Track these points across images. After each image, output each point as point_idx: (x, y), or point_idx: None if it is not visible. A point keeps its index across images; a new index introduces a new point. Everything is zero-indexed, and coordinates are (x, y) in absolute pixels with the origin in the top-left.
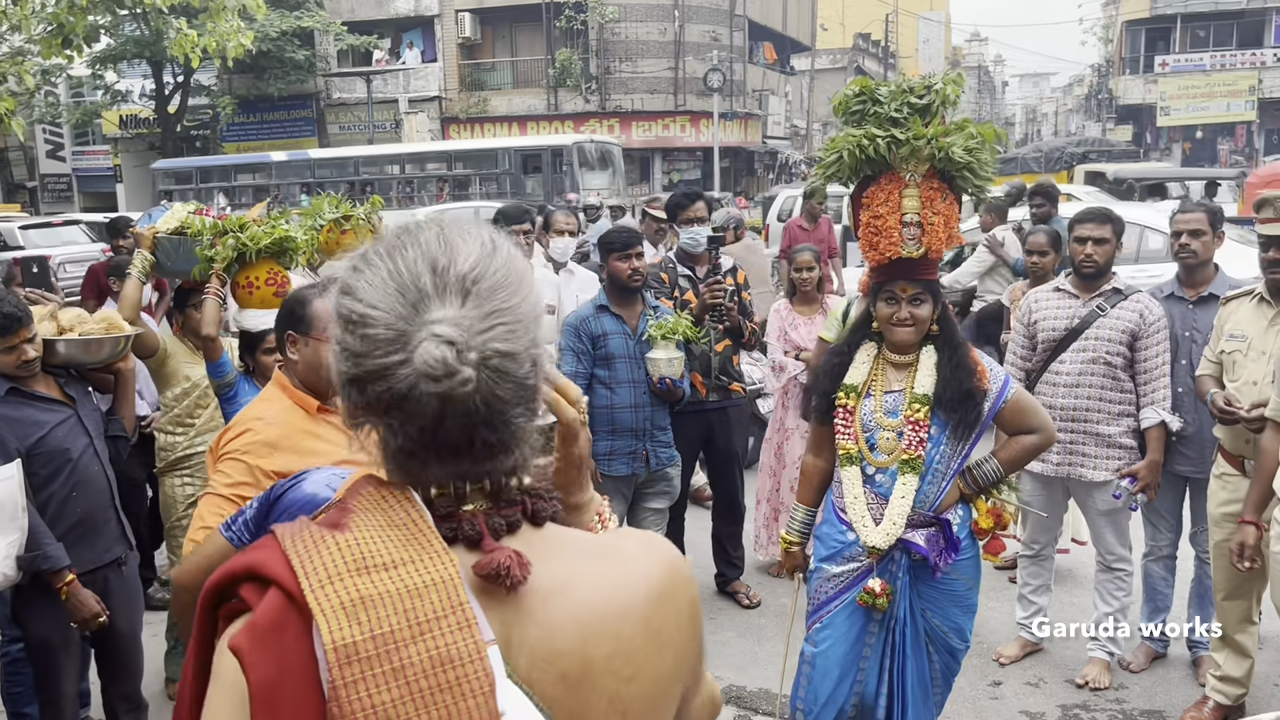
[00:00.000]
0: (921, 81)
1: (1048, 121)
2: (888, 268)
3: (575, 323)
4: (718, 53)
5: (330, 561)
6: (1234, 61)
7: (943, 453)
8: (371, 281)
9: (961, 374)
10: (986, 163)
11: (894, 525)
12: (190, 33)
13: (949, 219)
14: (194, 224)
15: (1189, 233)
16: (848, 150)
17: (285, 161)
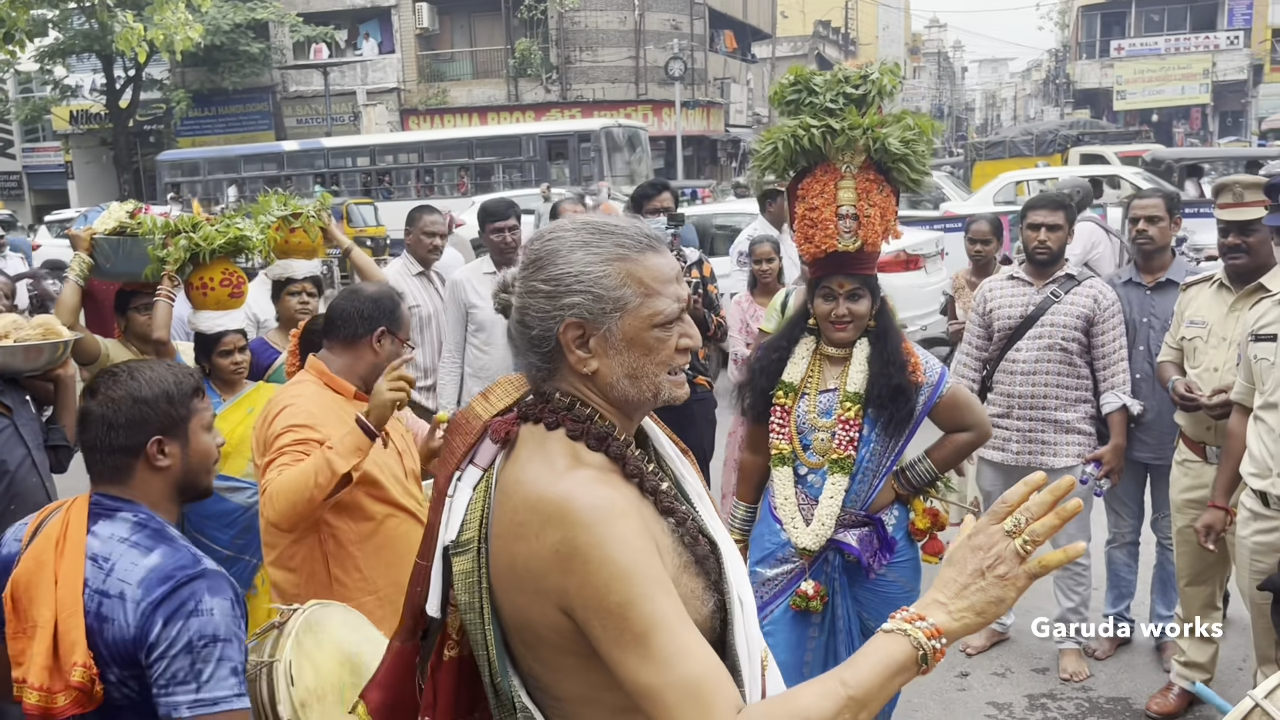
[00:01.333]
0: (857, 72)
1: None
2: (824, 262)
3: None
4: (678, 41)
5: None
6: (1188, 45)
7: (873, 451)
8: None
9: (892, 369)
10: (923, 154)
11: (823, 526)
12: (137, 26)
13: (886, 211)
14: (145, 223)
15: (1146, 219)
16: (782, 141)
17: (297, 151)
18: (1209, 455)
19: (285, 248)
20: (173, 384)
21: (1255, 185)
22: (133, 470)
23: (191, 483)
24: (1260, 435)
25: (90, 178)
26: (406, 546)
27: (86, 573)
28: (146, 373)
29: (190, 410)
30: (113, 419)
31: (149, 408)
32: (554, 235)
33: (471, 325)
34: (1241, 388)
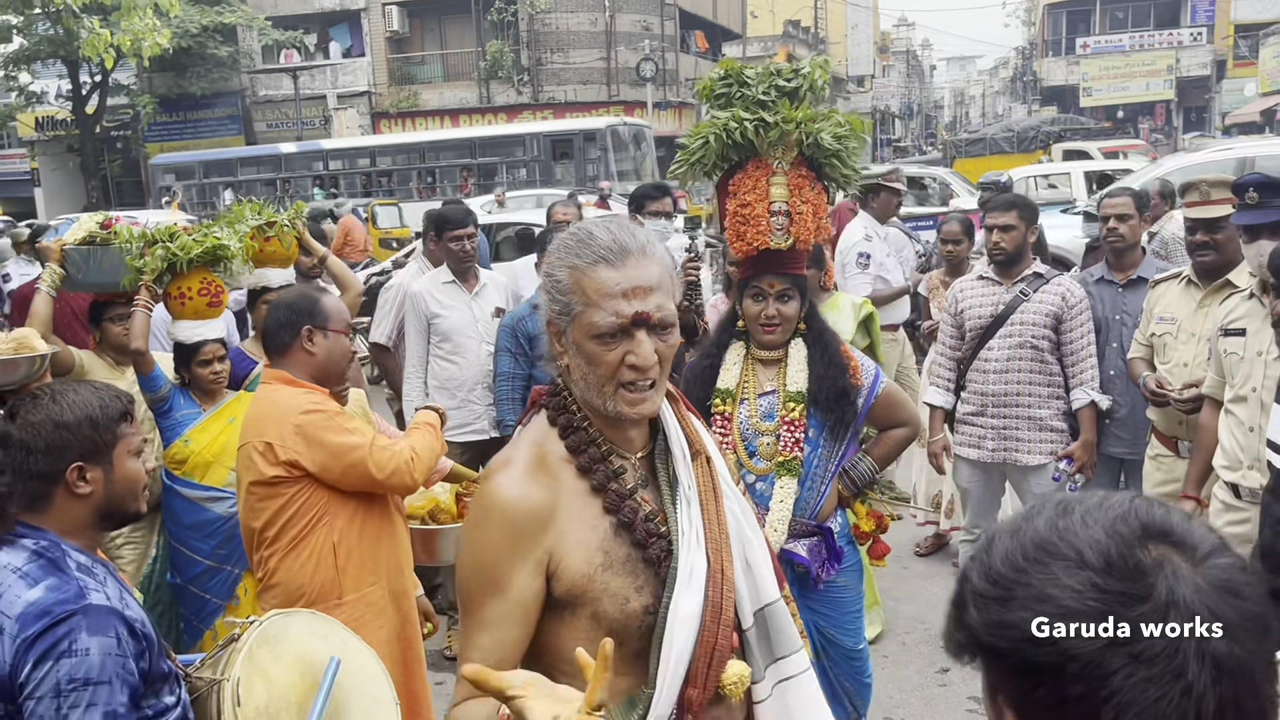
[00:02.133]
0: (789, 65)
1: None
2: (754, 261)
3: (511, 323)
4: (649, 42)
5: None
6: (1152, 42)
7: (820, 455)
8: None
9: (835, 371)
10: (855, 150)
11: (775, 533)
12: (103, 32)
13: (818, 208)
14: (121, 233)
15: (1116, 217)
16: (714, 134)
17: (295, 153)
18: (1181, 450)
19: (260, 257)
20: (97, 408)
21: (1221, 184)
22: (51, 497)
23: (116, 508)
24: (1231, 428)
25: (57, 184)
26: (393, 539)
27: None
28: (70, 396)
29: (116, 435)
30: (31, 444)
31: (70, 433)
32: (559, 232)
33: (435, 336)
34: (1213, 382)
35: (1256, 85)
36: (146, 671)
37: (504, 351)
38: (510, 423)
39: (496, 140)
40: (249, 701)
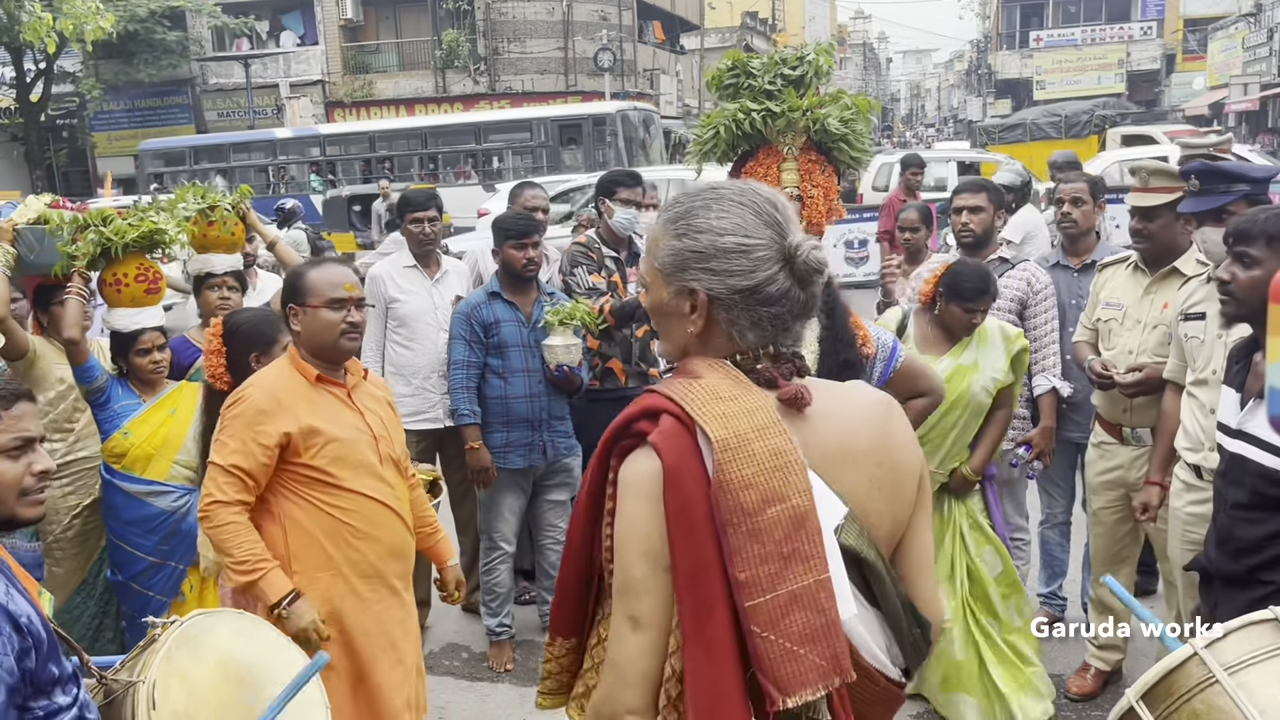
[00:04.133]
0: (794, 53)
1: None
2: None
3: (466, 310)
4: (607, 32)
5: (698, 396)
6: (1103, 36)
7: None
8: (735, 224)
9: (840, 345)
10: (862, 133)
11: None
12: (45, 16)
13: (828, 191)
14: (52, 218)
15: (1070, 201)
16: (723, 126)
17: (291, 139)
18: (1125, 437)
19: (204, 242)
20: None
21: (1161, 172)
22: None
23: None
24: (1193, 410)
25: (1, 174)
26: (369, 526)
27: None
28: None
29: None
30: None
31: None
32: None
33: (393, 321)
34: (1174, 366)
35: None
36: (33, 670)
37: (458, 339)
38: (465, 411)
39: (503, 125)
40: (164, 704)
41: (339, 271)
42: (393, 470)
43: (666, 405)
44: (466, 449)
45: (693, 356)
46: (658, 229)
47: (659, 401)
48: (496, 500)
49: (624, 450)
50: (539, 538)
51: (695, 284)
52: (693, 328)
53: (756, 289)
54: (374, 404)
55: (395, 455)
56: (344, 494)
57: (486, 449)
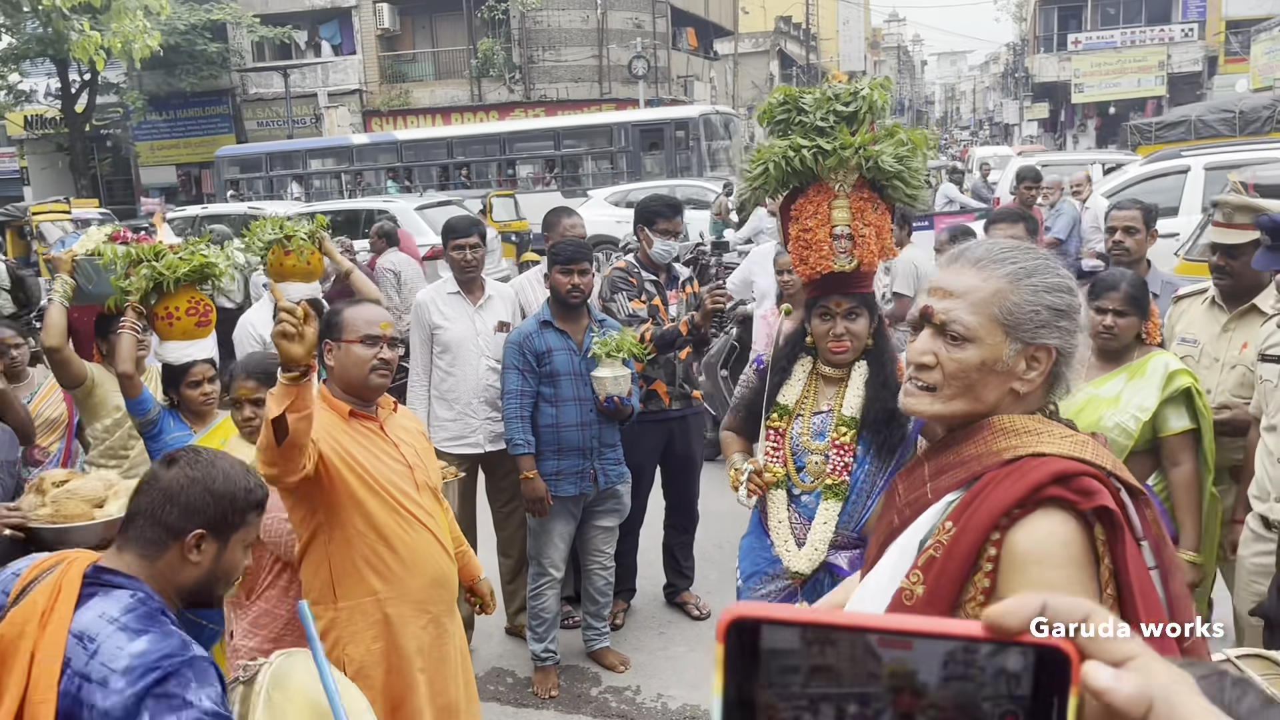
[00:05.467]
0: (847, 88)
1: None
2: (821, 283)
3: (518, 339)
4: (641, 40)
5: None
6: (1143, 38)
7: (867, 472)
8: (1068, 283)
9: (887, 393)
10: (917, 170)
11: (816, 551)
12: (94, 34)
13: (880, 230)
14: (106, 253)
15: (1123, 230)
16: (773, 163)
17: (368, 145)
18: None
19: (281, 271)
20: (242, 491)
21: (1246, 208)
22: (164, 550)
23: (206, 588)
24: (1262, 457)
25: (46, 183)
26: (410, 554)
27: (69, 652)
28: (225, 467)
29: (243, 521)
30: (176, 495)
31: (212, 501)
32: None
33: (437, 347)
34: (1255, 405)
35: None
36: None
37: (511, 369)
38: (519, 441)
39: (583, 130)
40: None
41: (375, 311)
42: (429, 497)
43: (1077, 467)
44: (522, 479)
45: (1002, 413)
46: (998, 282)
47: (1068, 465)
48: (547, 527)
49: (1012, 521)
50: (586, 563)
51: (1052, 341)
52: (1024, 386)
53: (1077, 346)
54: (407, 435)
55: (431, 483)
56: (383, 524)
57: (541, 479)
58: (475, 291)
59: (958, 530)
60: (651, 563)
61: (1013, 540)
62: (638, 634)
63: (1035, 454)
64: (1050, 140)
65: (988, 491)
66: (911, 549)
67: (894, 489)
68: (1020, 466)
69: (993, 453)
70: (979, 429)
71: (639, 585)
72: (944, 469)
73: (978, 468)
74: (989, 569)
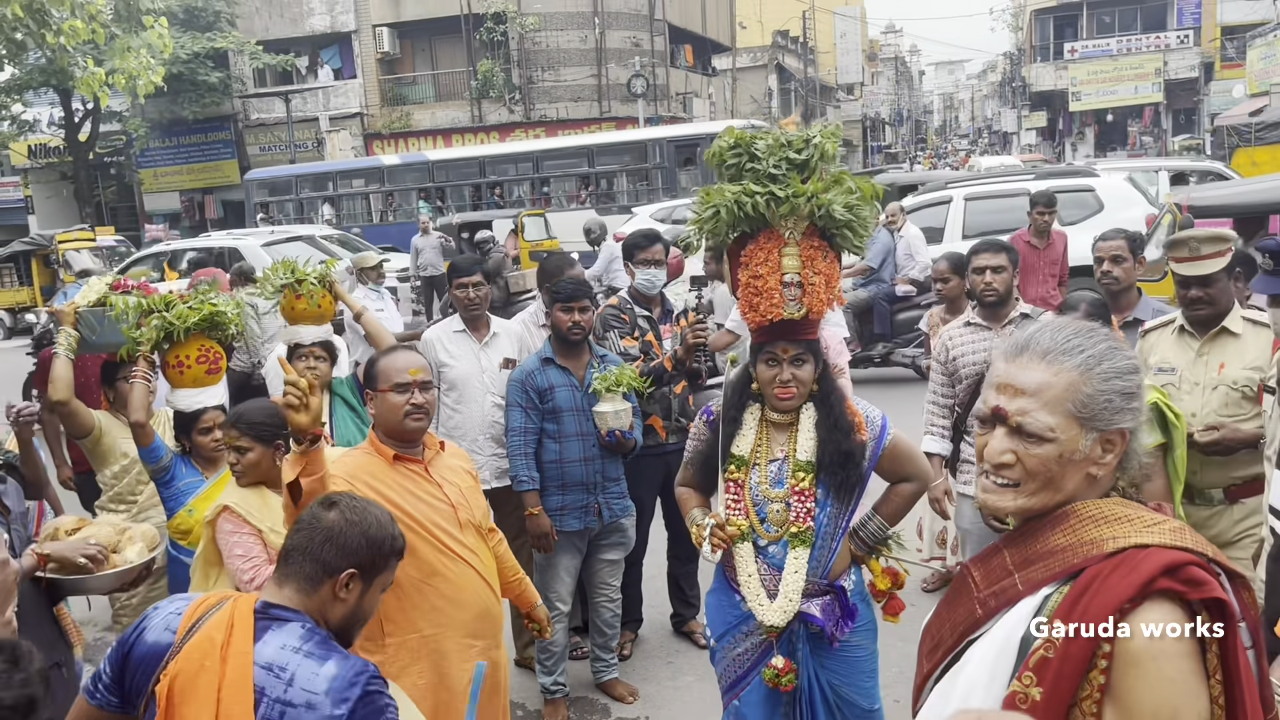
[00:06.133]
0: (799, 135)
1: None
2: (769, 329)
3: (521, 377)
4: (640, 58)
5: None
6: (1139, 45)
7: (829, 515)
8: (1133, 364)
9: (839, 434)
10: (866, 220)
11: (789, 601)
12: (98, 70)
13: (830, 278)
14: (117, 304)
15: (1110, 259)
16: (724, 207)
17: (399, 165)
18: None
19: (293, 314)
20: (389, 539)
21: (1211, 239)
22: (319, 586)
23: (348, 626)
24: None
25: (51, 212)
26: (454, 591)
27: (262, 682)
28: (378, 514)
29: (385, 566)
30: (337, 536)
31: (366, 545)
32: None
33: (443, 384)
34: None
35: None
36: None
37: (515, 406)
38: (524, 478)
39: (617, 147)
40: None
41: (406, 358)
42: (473, 535)
43: (1184, 558)
44: (527, 515)
45: (1079, 498)
46: (1070, 374)
47: (1175, 556)
48: (553, 562)
49: (1124, 616)
50: (593, 595)
51: (1126, 425)
52: (1100, 470)
53: (1142, 422)
54: (452, 474)
55: (475, 520)
56: (427, 562)
57: (546, 515)
58: (481, 329)
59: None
60: (658, 591)
61: (1127, 636)
62: (646, 664)
63: (1138, 545)
64: (1049, 148)
65: (1096, 586)
66: (1012, 647)
67: (968, 576)
68: (1126, 559)
69: (1088, 543)
70: (1063, 517)
71: (646, 615)
72: (1032, 559)
73: (1075, 560)
74: (1104, 666)
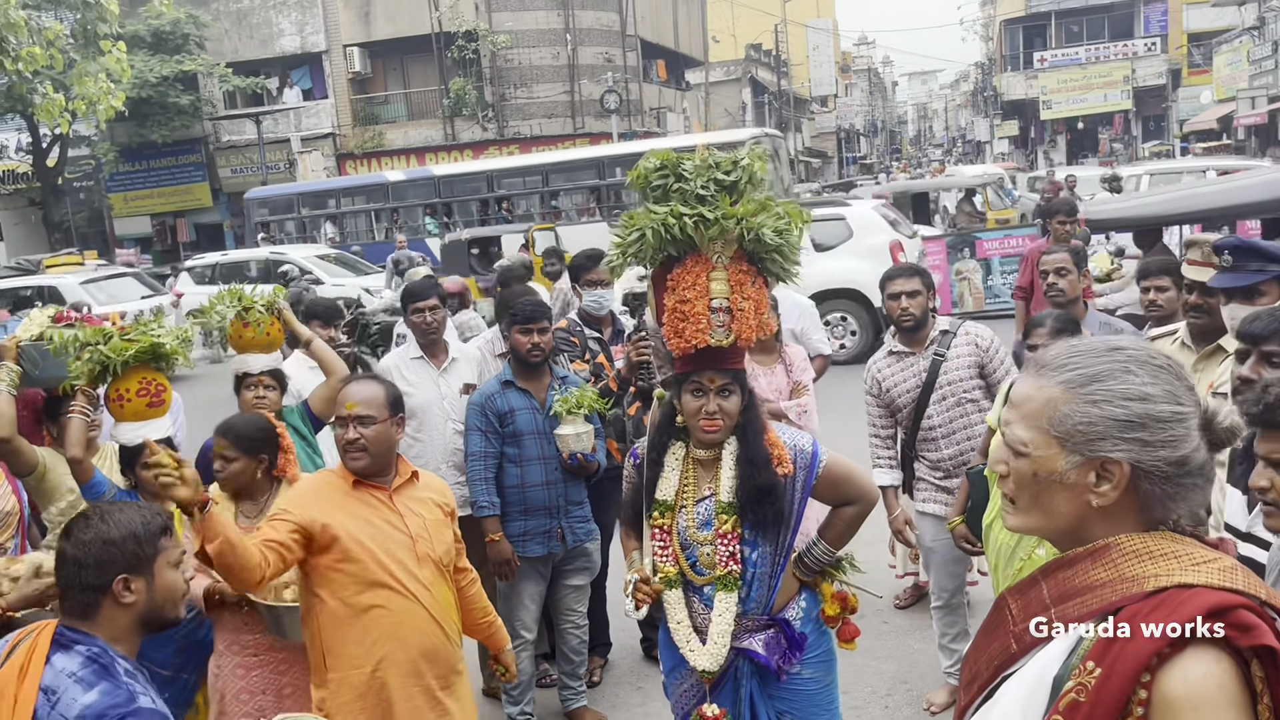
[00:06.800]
0: (728, 158)
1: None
2: (694, 357)
3: (480, 401)
4: (612, 74)
5: (1247, 579)
6: (1108, 54)
7: (762, 554)
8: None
9: (754, 469)
10: (794, 245)
11: (718, 646)
12: (58, 97)
13: (759, 304)
14: (54, 338)
15: (1054, 272)
16: (651, 229)
17: (404, 181)
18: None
19: (241, 343)
20: (140, 525)
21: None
22: (99, 606)
23: (157, 615)
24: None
25: (20, 238)
26: (395, 626)
27: (40, 704)
28: (116, 515)
29: (157, 549)
30: (83, 559)
31: (116, 548)
32: None
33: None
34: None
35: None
36: None
37: (474, 430)
38: (484, 504)
39: (627, 159)
40: None
41: (349, 390)
42: (431, 570)
43: (1231, 600)
44: (488, 541)
45: (1093, 529)
46: (1052, 390)
47: (1221, 598)
48: (517, 589)
49: (1162, 661)
50: (559, 622)
51: (1119, 454)
52: (1100, 500)
53: (1186, 459)
54: (419, 505)
55: (435, 555)
56: (374, 591)
57: (507, 540)
58: (439, 355)
59: (1103, 672)
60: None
61: (1165, 684)
62: (615, 690)
63: (1182, 584)
64: (1022, 156)
65: (1134, 628)
66: (1045, 686)
67: (1004, 607)
68: (1167, 599)
69: (1129, 579)
70: (1104, 550)
71: (614, 639)
72: (1069, 594)
73: (1114, 597)
74: (1140, 713)
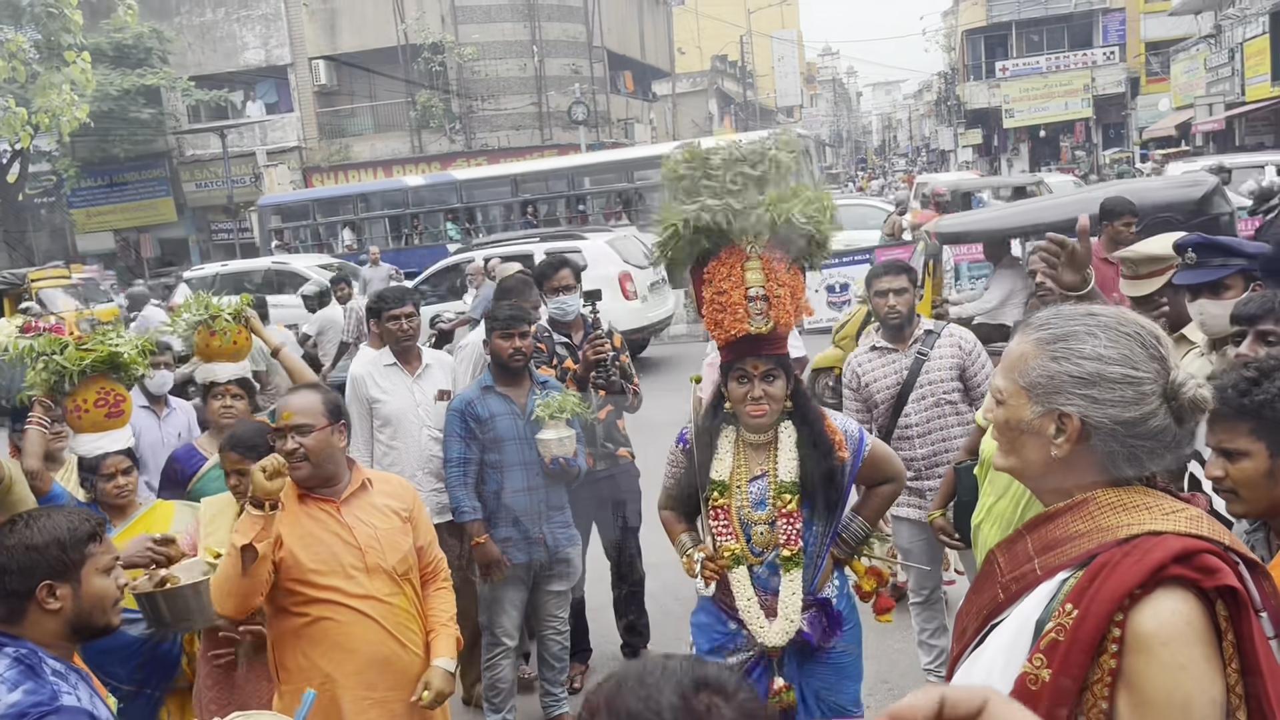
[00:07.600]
0: (755, 149)
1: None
2: (736, 345)
3: (460, 406)
4: (579, 85)
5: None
6: (1068, 63)
7: (815, 534)
8: (1123, 354)
9: (821, 454)
10: (827, 230)
11: (790, 623)
12: (20, 110)
13: (795, 290)
14: (10, 349)
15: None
16: (681, 224)
17: (424, 186)
18: None
19: (208, 352)
20: (65, 530)
21: (1150, 259)
22: (25, 612)
23: (86, 622)
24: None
25: None
26: (344, 636)
27: None
28: (42, 520)
29: (83, 555)
30: (6, 565)
31: (39, 554)
32: None
33: (377, 420)
34: None
35: (1170, 100)
36: None
37: (453, 436)
38: (466, 509)
39: (653, 161)
40: None
41: (286, 400)
42: (382, 580)
43: (1197, 545)
44: (473, 545)
45: (1102, 487)
46: (1027, 345)
47: (1188, 543)
48: (499, 596)
49: (1135, 602)
50: (540, 628)
51: (1070, 409)
52: (1057, 451)
53: (1137, 422)
54: (372, 514)
55: (387, 565)
56: (319, 605)
57: (493, 542)
58: (412, 362)
59: (1080, 613)
60: (609, 620)
61: (1137, 622)
62: None
63: (1151, 532)
64: (986, 165)
65: (1107, 572)
66: (1027, 630)
67: (992, 561)
68: (1138, 546)
69: (1104, 529)
70: (1083, 504)
71: (595, 645)
72: (1051, 545)
73: (1090, 545)
74: (1114, 650)
